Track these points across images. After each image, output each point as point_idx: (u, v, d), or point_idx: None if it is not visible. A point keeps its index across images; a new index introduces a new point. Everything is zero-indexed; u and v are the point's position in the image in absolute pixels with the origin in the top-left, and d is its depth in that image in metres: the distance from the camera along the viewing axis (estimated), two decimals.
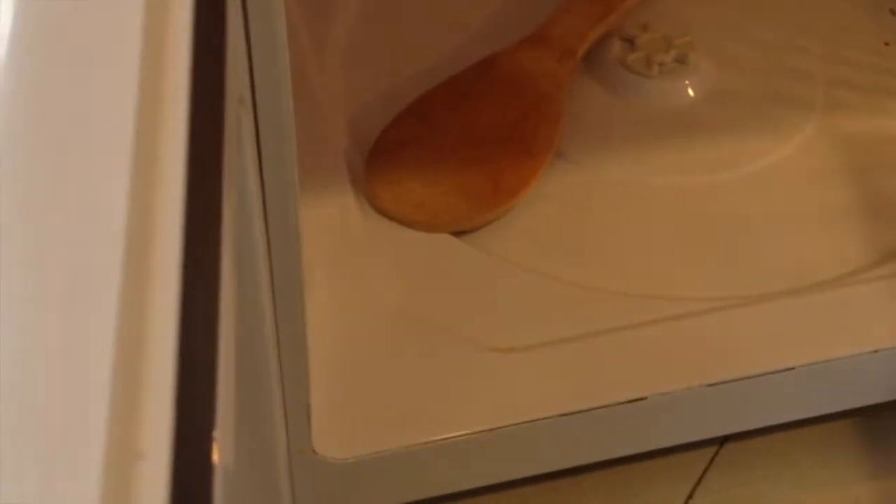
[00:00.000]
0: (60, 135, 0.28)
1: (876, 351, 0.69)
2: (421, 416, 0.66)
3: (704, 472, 0.73)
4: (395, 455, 0.66)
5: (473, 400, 0.67)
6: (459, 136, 0.78)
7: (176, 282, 0.27)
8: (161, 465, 0.25)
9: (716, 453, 0.74)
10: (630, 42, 0.84)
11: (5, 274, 0.25)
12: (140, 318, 0.26)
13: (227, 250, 0.31)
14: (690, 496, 0.72)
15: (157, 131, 0.28)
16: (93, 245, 0.26)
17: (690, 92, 0.83)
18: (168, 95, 0.29)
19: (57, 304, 0.25)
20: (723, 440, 0.74)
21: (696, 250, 0.74)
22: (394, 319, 0.70)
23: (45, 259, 0.26)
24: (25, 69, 0.29)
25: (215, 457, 0.27)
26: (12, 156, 0.27)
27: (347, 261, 0.73)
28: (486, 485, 0.70)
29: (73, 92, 0.29)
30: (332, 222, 0.74)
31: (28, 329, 0.25)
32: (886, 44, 0.88)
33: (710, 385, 0.68)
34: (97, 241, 0.26)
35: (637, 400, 0.67)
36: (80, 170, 0.28)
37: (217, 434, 0.28)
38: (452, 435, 0.66)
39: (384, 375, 0.68)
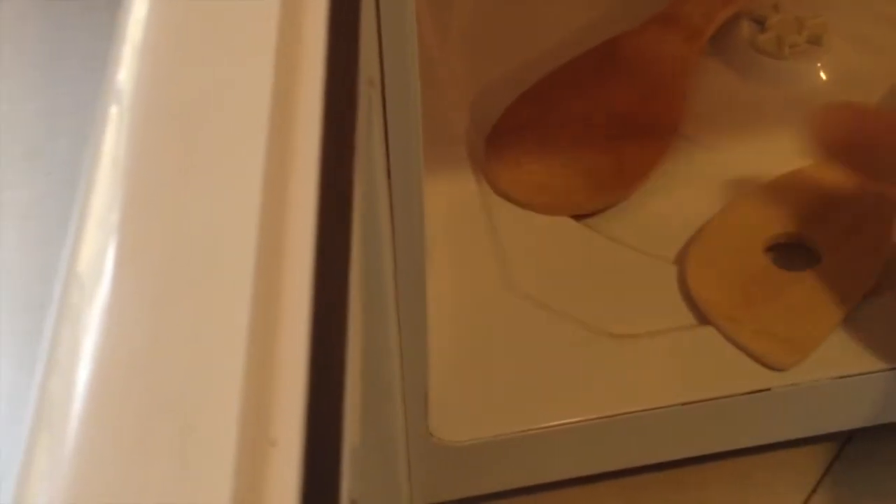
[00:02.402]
0: (196, 114, 0.28)
1: None
2: (537, 400, 0.66)
3: (830, 465, 0.71)
4: (510, 439, 0.65)
5: (590, 386, 0.66)
6: (582, 118, 0.77)
7: (309, 268, 0.26)
8: (293, 452, 0.25)
9: (843, 447, 0.72)
10: (760, 23, 0.82)
11: (140, 260, 0.25)
12: (273, 305, 0.26)
13: (357, 235, 0.31)
14: (815, 490, 0.71)
15: (293, 114, 0.28)
16: (227, 230, 0.26)
17: (823, 75, 0.81)
18: (304, 77, 0.29)
19: (191, 291, 0.25)
20: (850, 435, 0.72)
21: None
22: (512, 302, 0.70)
23: (180, 245, 0.26)
24: (161, 52, 0.29)
25: (344, 443, 0.27)
26: (149, 139, 0.27)
27: (467, 243, 0.72)
28: (603, 472, 0.69)
29: (210, 72, 0.29)
30: (453, 204, 0.74)
31: (162, 317, 0.25)
32: None
33: (838, 378, 0.66)
34: (231, 226, 0.26)
35: (761, 391, 0.66)
36: (215, 152, 0.27)
37: (346, 421, 0.27)
38: (569, 421, 0.66)
39: (501, 358, 0.68)
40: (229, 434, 0.23)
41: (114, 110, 0.27)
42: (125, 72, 0.28)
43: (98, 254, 0.25)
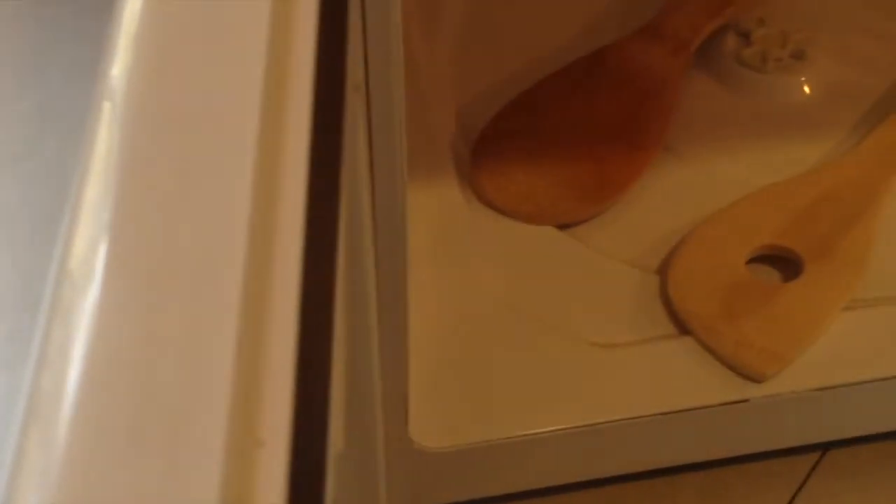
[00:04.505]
0: (189, 116, 0.28)
1: None
2: (517, 408, 0.66)
3: (807, 478, 0.72)
4: (488, 447, 0.65)
5: (571, 395, 0.67)
6: (567, 129, 0.78)
7: (297, 273, 0.27)
8: (280, 453, 0.25)
9: (819, 459, 0.72)
10: (745, 36, 0.83)
11: (131, 260, 0.26)
12: (261, 309, 0.26)
13: (343, 240, 0.31)
14: (792, 501, 0.71)
15: (281, 120, 0.28)
16: (216, 233, 0.26)
17: (807, 89, 0.81)
18: (292, 83, 0.29)
19: (181, 293, 0.26)
20: (827, 446, 0.73)
21: None
22: (494, 311, 0.70)
23: (171, 246, 0.26)
24: (155, 50, 0.30)
25: (329, 445, 0.27)
26: (139, 145, 0.28)
27: (450, 251, 0.73)
28: (580, 481, 0.70)
29: (202, 76, 0.29)
30: (437, 212, 0.74)
31: (152, 319, 0.25)
32: None
33: (818, 389, 0.66)
34: (221, 230, 0.26)
35: (739, 402, 0.66)
36: (207, 155, 0.28)
37: (331, 423, 0.28)
38: (548, 429, 0.66)
39: (482, 366, 0.68)
40: (218, 434, 0.23)
41: (107, 107, 0.27)
42: (118, 75, 0.28)
43: (89, 252, 0.25)
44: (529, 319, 0.69)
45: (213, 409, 0.24)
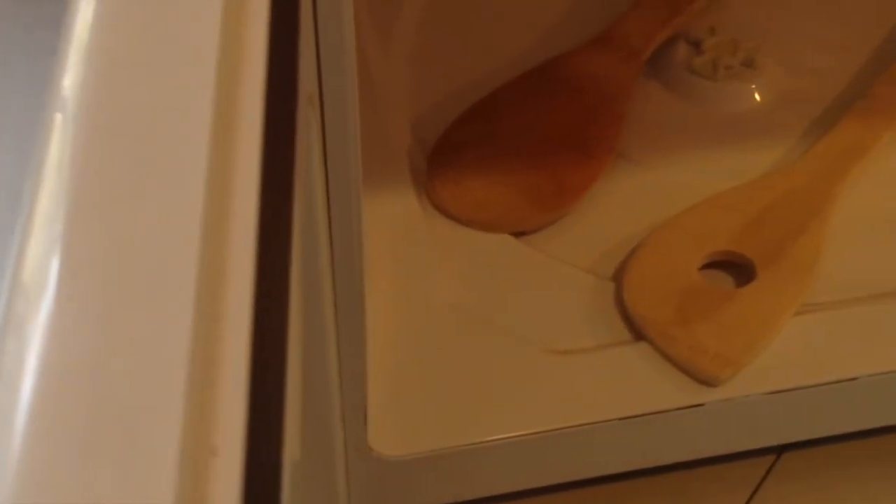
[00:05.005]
0: (140, 129, 0.28)
1: None
2: (476, 415, 0.67)
3: (762, 481, 0.73)
4: (449, 454, 0.66)
5: (529, 401, 0.67)
6: (522, 137, 0.78)
7: (250, 281, 0.27)
8: (234, 462, 0.25)
9: (774, 462, 0.73)
10: (697, 45, 0.84)
11: (84, 271, 0.26)
12: (215, 317, 0.26)
13: (297, 249, 0.31)
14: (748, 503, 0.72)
15: (233, 131, 0.29)
16: (169, 245, 0.26)
17: (757, 96, 0.82)
18: (244, 95, 0.29)
19: (134, 304, 0.26)
20: (781, 449, 0.73)
21: None
22: (451, 318, 0.70)
23: (123, 258, 0.26)
24: (106, 61, 0.30)
25: (284, 453, 0.27)
26: (91, 157, 0.28)
27: (407, 259, 0.73)
28: (540, 486, 0.70)
29: (152, 91, 0.29)
30: (394, 221, 0.74)
31: (106, 330, 0.25)
32: None
33: (771, 393, 0.67)
34: (173, 241, 0.26)
35: (694, 406, 0.67)
36: (159, 168, 0.28)
37: (286, 431, 0.28)
38: (507, 435, 0.66)
39: (441, 374, 0.68)
40: (171, 443, 0.24)
41: (58, 119, 0.28)
42: (69, 86, 0.28)
43: (42, 264, 0.26)
44: (486, 327, 0.70)
45: (167, 417, 0.24)
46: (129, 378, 0.25)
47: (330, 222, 0.52)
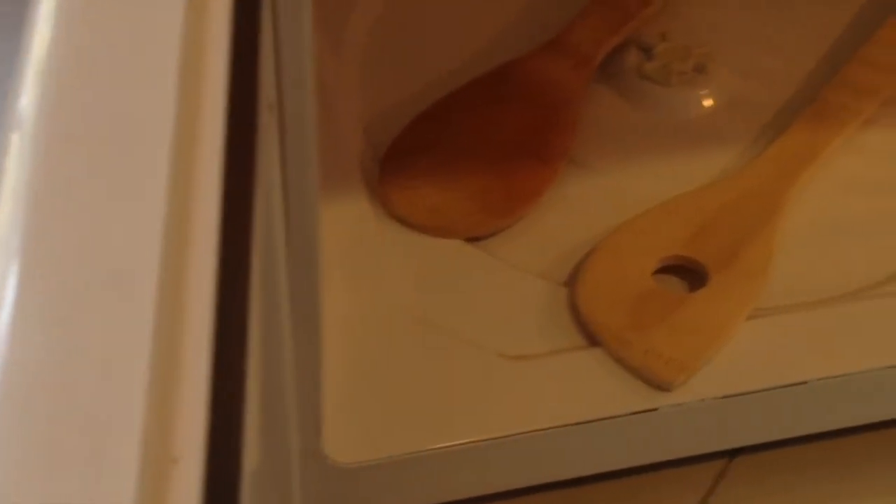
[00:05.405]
0: (100, 137, 0.28)
1: (892, 367, 0.69)
2: (430, 421, 0.67)
3: (714, 484, 0.73)
4: (403, 460, 0.66)
5: (483, 407, 0.67)
6: (474, 143, 0.78)
7: (210, 289, 0.27)
8: (194, 470, 0.25)
9: (726, 466, 0.74)
10: (648, 51, 0.84)
11: (45, 276, 0.26)
12: (175, 326, 0.26)
13: (257, 256, 0.31)
14: None
15: (194, 140, 0.28)
16: (129, 254, 0.26)
17: (709, 102, 0.83)
18: (205, 104, 0.29)
19: (94, 314, 0.26)
20: (733, 453, 0.74)
21: None
22: (405, 324, 0.70)
23: (84, 262, 0.26)
24: (64, 75, 0.29)
25: (244, 461, 0.27)
26: (53, 160, 0.28)
27: (361, 265, 0.73)
28: (495, 492, 0.70)
29: (112, 96, 0.29)
30: (347, 227, 0.74)
31: (66, 339, 0.25)
32: None
33: (723, 397, 0.68)
34: (133, 250, 0.26)
35: (648, 411, 0.67)
36: (118, 178, 0.28)
37: (245, 439, 0.28)
38: (461, 441, 0.66)
39: (395, 380, 0.68)
40: (131, 451, 0.23)
41: (15, 137, 0.27)
42: (27, 98, 0.28)
43: (1, 278, 0.25)
44: (441, 332, 0.70)
45: (127, 425, 0.24)
46: (89, 387, 0.24)
47: (288, 229, 0.52)
